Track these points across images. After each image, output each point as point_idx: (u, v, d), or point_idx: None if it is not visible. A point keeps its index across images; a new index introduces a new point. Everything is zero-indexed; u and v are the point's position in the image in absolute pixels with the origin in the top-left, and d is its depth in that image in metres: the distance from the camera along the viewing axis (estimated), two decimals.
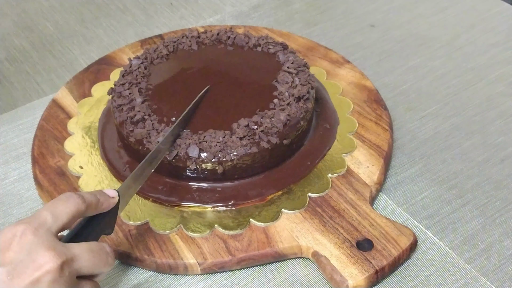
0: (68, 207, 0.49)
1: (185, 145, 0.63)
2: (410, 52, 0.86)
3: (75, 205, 0.50)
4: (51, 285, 0.45)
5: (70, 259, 0.47)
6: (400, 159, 0.71)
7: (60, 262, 0.46)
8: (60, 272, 0.46)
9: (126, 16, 0.97)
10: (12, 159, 0.72)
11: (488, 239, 0.62)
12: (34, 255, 0.46)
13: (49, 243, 0.47)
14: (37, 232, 0.47)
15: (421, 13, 0.94)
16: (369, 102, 0.75)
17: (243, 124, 0.64)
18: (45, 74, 0.86)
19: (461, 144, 0.72)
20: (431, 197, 0.66)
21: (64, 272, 0.46)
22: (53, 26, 0.95)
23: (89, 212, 0.51)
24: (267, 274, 0.60)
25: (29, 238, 0.46)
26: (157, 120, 0.65)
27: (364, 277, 0.57)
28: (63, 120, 0.74)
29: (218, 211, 0.63)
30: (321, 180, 0.66)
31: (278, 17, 0.94)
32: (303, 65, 0.71)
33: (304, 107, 0.67)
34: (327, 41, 0.88)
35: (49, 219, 0.48)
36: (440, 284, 0.59)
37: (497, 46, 0.87)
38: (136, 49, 0.84)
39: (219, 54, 0.75)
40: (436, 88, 0.80)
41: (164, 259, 0.59)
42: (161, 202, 0.64)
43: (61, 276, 0.46)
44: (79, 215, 0.50)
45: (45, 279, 0.45)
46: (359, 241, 0.60)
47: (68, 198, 0.50)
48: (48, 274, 0.45)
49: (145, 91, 0.69)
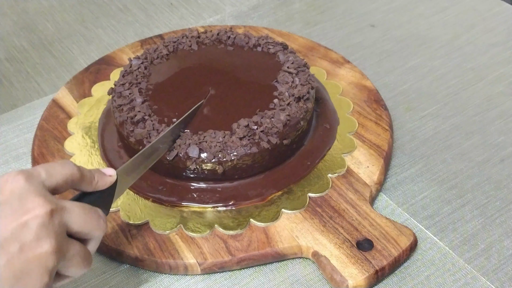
0: (64, 170, 0.49)
1: (185, 145, 0.63)
2: (410, 52, 0.86)
3: (70, 170, 0.49)
4: (39, 229, 0.44)
5: (60, 209, 0.46)
6: (400, 159, 0.71)
7: (50, 208, 0.45)
8: (49, 219, 0.45)
9: (126, 16, 0.97)
10: (12, 159, 0.72)
11: (488, 239, 0.62)
12: (24, 199, 0.45)
13: (40, 191, 0.46)
14: (30, 180, 0.46)
15: (421, 13, 0.94)
16: (369, 102, 0.75)
17: (243, 124, 0.64)
18: (45, 74, 0.86)
19: (461, 144, 0.72)
20: (431, 197, 0.66)
21: (53, 220, 0.45)
22: (53, 26, 0.95)
23: (84, 186, 0.51)
24: (267, 274, 0.60)
25: (21, 183, 0.46)
26: (157, 121, 0.65)
27: (364, 277, 0.57)
28: (63, 120, 0.74)
29: (218, 211, 0.63)
30: (321, 180, 0.66)
31: (278, 17, 0.94)
32: (303, 65, 0.71)
33: (304, 107, 0.67)
34: (327, 41, 0.88)
35: (43, 174, 0.48)
36: (440, 284, 0.59)
37: (497, 46, 0.87)
38: (136, 49, 0.84)
39: (219, 54, 0.75)
40: (436, 88, 0.80)
41: (164, 259, 0.59)
42: (161, 202, 0.64)
43: (50, 223, 0.45)
44: (72, 183, 0.50)
45: (33, 223, 0.44)
46: (359, 241, 0.60)
47: (64, 162, 0.50)
48: (36, 219, 0.45)
49: (145, 91, 0.69)
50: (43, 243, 0.45)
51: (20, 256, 0.44)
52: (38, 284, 0.44)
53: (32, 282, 0.44)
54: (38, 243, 0.44)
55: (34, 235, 0.44)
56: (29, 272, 0.44)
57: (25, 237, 0.44)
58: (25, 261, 0.44)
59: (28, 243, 0.44)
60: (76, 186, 0.51)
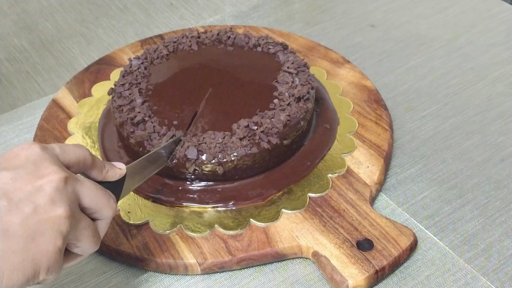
0: (77, 150, 0.50)
1: (183, 148, 0.63)
2: (410, 52, 0.86)
3: (83, 153, 0.50)
4: (53, 194, 0.45)
5: (74, 178, 0.47)
6: (400, 159, 0.71)
7: (64, 175, 0.46)
8: (63, 185, 0.46)
9: (126, 16, 0.97)
10: None
11: (488, 239, 0.62)
12: (39, 165, 0.46)
13: (54, 160, 0.47)
14: (45, 150, 0.47)
15: (421, 13, 0.94)
16: (369, 102, 0.75)
17: (243, 124, 0.64)
18: (45, 74, 0.86)
19: (461, 144, 0.72)
20: (431, 197, 0.66)
21: (67, 187, 0.46)
22: (53, 26, 0.95)
23: (94, 173, 0.52)
24: (267, 274, 0.60)
25: (36, 151, 0.47)
26: (157, 122, 0.65)
27: (364, 277, 0.57)
28: (63, 120, 0.74)
29: (218, 211, 0.63)
30: (321, 180, 0.66)
31: (278, 17, 0.94)
32: (303, 65, 0.71)
33: (304, 107, 0.67)
34: (327, 41, 0.88)
35: (57, 149, 0.49)
36: (440, 284, 0.59)
37: (497, 46, 0.87)
38: (136, 49, 0.84)
39: (219, 54, 0.75)
40: (436, 88, 0.80)
41: (164, 259, 0.59)
42: (161, 202, 0.64)
43: (64, 189, 0.46)
44: (84, 165, 0.50)
45: (48, 187, 0.45)
46: (359, 241, 0.60)
47: (78, 145, 0.51)
48: (51, 183, 0.45)
49: (145, 91, 0.69)
50: (57, 207, 0.45)
51: (34, 217, 0.45)
52: (51, 246, 0.45)
53: (45, 243, 0.45)
54: (52, 207, 0.45)
55: (49, 198, 0.45)
56: (43, 233, 0.45)
57: (40, 199, 0.45)
58: (39, 222, 0.45)
59: (43, 205, 0.45)
60: (87, 170, 0.51)
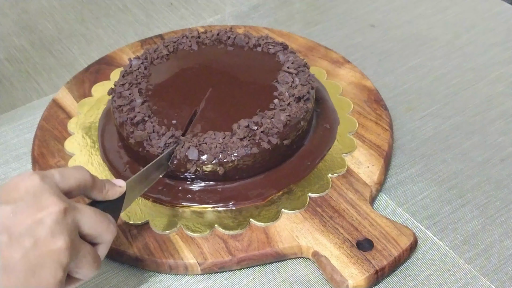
0: (77, 174, 0.51)
1: (184, 148, 0.63)
2: (410, 52, 0.86)
3: (83, 175, 0.51)
4: (53, 226, 0.46)
5: (73, 208, 0.48)
6: (400, 159, 0.71)
7: (64, 206, 0.47)
8: (63, 216, 0.46)
9: (126, 16, 0.97)
10: (12, 159, 0.72)
11: (488, 239, 0.62)
12: (39, 197, 0.46)
13: (54, 191, 0.48)
14: (44, 180, 0.48)
15: (421, 13, 0.94)
16: (369, 102, 0.75)
17: (244, 124, 0.64)
18: (45, 74, 0.86)
19: (461, 144, 0.72)
20: (431, 197, 0.66)
21: (67, 217, 0.47)
22: (53, 26, 0.95)
23: (95, 193, 0.52)
24: (267, 274, 0.60)
25: (36, 182, 0.47)
26: (157, 122, 0.65)
27: (364, 277, 0.57)
28: (63, 120, 0.74)
29: (218, 211, 0.63)
30: (321, 180, 0.66)
31: (278, 17, 0.94)
32: (303, 65, 0.71)
33: (304, 107, 0.67)
34: (327, 41, 0.88)
35: (57, 176, 0.49)
36: (440, 284, 0.59)
37: (497, 46, 0.87)
38: (136, 49, 0.84)
39: (219, 54, 0.75)
40: (436, 88, 0.80)
41: (164, 259, 0.59)
42: (161, 202, 0.64)
43: (63, 221, 0.46)
44: (85, 188, 0.51)
45: (47, 219, 0.46)
46: (359, 241, 0.60)
47: (78, 167, 0.52)
48: (51, 215, 0.46)
49: (145, 91, 0.69)
50: (57, 239, 0.46)
51: (35, 251, 0.45)
52: (51, 279, 0.45)
53: (46, 276, 0.45)
54: (52, 239, 0.46)
55: (49, 231, 0.46)
56: (43, 266, 0.45)
57: (40, 232, 0.45)
58: (40, 255, 0.45)
59: (43, 238, 0.45)
60: (88, 192, 0.52)
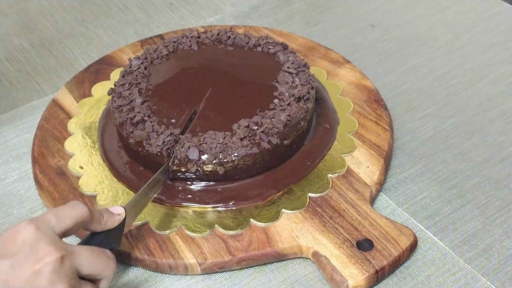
0: (73, 212, 0.51)
1: (185, 148, 0.63)
2: (410, 52, 0.86)
3: (80, 212, 0.51)
4: (52, 276, 0.47)
5: (70, 253, 0.49)
6: (400, 159, 0.71)
7: (60, 255, 0.47)
8: (60, 264, 0.47)
9: (126, 16, 0.97)
10: (12, 159, 0.72)
11: (488, 239, 0.62)
12: (35, 248, 0.47)
13: (50, 239, 0.48)
14: (40, 228, 0.48)
15: (421, 13, 0.94)
16: (369, 102, 0.75)
17: (244, 124, 0.64)
18: (45, 74, 0.86)
19: (461, 144, 0.72)
20: (431, 197, 0.66)
21: (64, 265, 0.47)
22: (53, 26, 0.95)
23: (94, 226, 0.53)
24: (267, 274, 0.60)
25: (32, 233, 0.48)
26: (156, 122, 0.65)
27: (364, 277, 0.57)
28: (63, 120, 0.74)
29: (218, 211, 0.63)
30: (321, 180, 0.66)
31: (278, 17, 0.94)
32: (303, 65, 0.71)
33: (305, 107, 0.67)
34: (327, 41, 0.88)
35: (52, 220, 0.50)
36: (440, 284, 0.59)
37: (497, 46, 0.87)
38: (136, 49, 0.84)
39: (219, 54, 0.75)
40: (436, 88, 0.80)
41: (164, 259, 0.59)
42: (161, 202, 0.64)
43: (61, 269, 0.47)
44: (83, 223, 0.52)
45: (45, 270, 0.47)
46: (359, 241, 0.60)
47: (74, 204, 0.52)
48: (48, 266, 0.47)
49: (145, 91, 0.69)
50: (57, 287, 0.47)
51: None
52: None
53: None
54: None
55: (48, 281, 0.47)
56: None
57: (39, 284, 0.47)
58: None
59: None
60: (86, 226, 0.53)
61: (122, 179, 0.66)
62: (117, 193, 0.65)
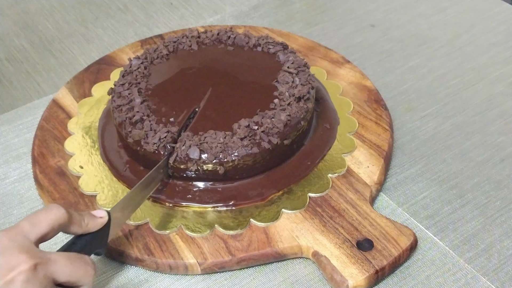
0: (49, 215, 0.50)
1: (185, 147, 0.63)
2: (410, 52, 0.86)
3: (56, 215, 0.50)
4: (25, 285, 0.46)
5: (45, 262, 0.47)
6: (400, 159, 0.71)
7: (33, 263, 0.46)
8: (33, 273, 0.46)
9: (126, 16, 0.97)
10: (12, 159, 0.72)
11: (488, 239, 0.62)
12: (8, 257, 0.46)
13: (23, 247, 0.47)
14: (13, 238, 0.48)
15: (421, 13, 0.94)
16: (369, 102, 0.75)
17: (244, 124, 0.64)
18: (45, 74, 0.86)
19: (461, 144, 0.72)
20: (431, 197, 0.66)
21: (38, 273, 0.46)
22: (53, 26, 0.95)
23: (73, 229, 0.52)
24: (267, 274, 0.60)
25: (5, 243, 0.47)
26: (155, 121, 0.65)
27: (364, 277, 0.57)
28: (63, 120, 0.74)
29: (218, 211, 0.63)
30: (321, 180, 0.66)
31: (278, 17, 0.94)
32: (303, 65, 0.71)
33: (305, 107, 0.67)
34: (327, 41, 0.88)
35: (26, 227, 0.49)
36: (440, 284, 0.59)
37: (497, 46, 0.87)
38: (136, 49, 0.84)
39: (219, 54, 0.75)
40: (436, 88, 0.80)
41: (164, 259, 0.59)
42: (161, 202, 0.64)
43: (34, 277, 0.46)
44: (60, 227, 0.51)
45: (18, 279, 0.46)
46: (359, 241, 0.60)
47: (50, 208, 0.51)
48: (21, 274, 0.46)
49: (144, 91, 0.69)
50: None
51: None
52: None
53: None
54: None
55: None
56: None
57: None
58: None
59: None
60: (65, 229, 0.52)
61: (122, 179, 0.66)
62: (117, 192, 0.65)
